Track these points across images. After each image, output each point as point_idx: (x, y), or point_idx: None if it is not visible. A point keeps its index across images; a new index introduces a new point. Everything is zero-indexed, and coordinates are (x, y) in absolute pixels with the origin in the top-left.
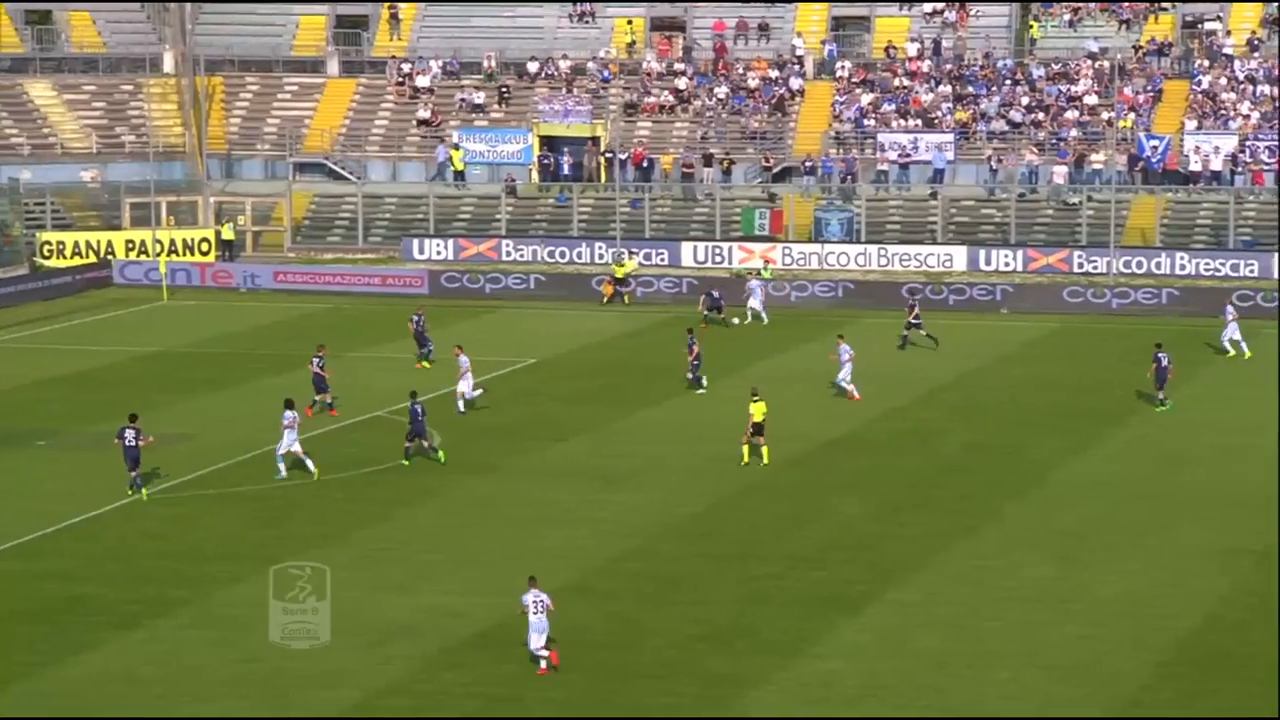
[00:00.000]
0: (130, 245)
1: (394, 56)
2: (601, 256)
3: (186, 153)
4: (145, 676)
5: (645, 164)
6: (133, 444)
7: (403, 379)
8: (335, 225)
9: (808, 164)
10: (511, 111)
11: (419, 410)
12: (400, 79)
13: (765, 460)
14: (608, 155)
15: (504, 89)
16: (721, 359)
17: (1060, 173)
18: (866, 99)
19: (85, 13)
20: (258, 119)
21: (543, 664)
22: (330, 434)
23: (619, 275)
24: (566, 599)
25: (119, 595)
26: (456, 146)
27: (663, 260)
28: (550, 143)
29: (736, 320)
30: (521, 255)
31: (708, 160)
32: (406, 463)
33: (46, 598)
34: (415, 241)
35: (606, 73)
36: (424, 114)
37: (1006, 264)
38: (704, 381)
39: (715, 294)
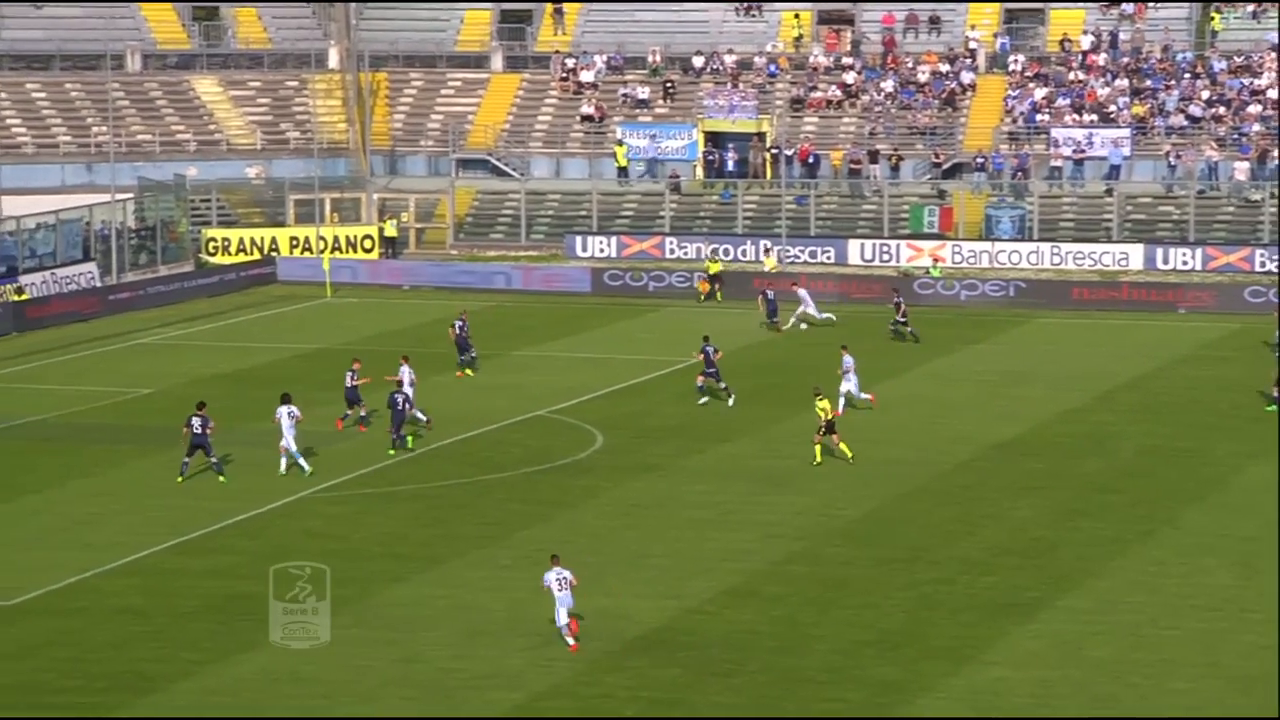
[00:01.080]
0: (294, 242)
1: (558, 51)
2: (768, 252)
3: (350, 149)
4: (308, 675)
5: (811, 160)
6: (200, 431)
7: (564, 378)
8: (498, 222)
9: (978, 160)
10: (676, 107)
11: (399, 400)
12: (564, 74)
13: (850, 456)
14: (773, 151)
15: (669, 84)
16: (888, 361)
17: (1242, 169)
18: (1040, 93)
19: (251, 9)
20: (421, 115)
21: (572, 641)
22: (491, 434)
23: (713, 272)
24: (731, 603)
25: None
26: (620, 142)
27: (828, 258)
28: (715, 138)
29: (786, 326)
30: (685, 253)
31: (875, 156)
32: (392, 451)
33: (211, 595)
34: (578, 239)
35: (774, 67)
36: (588, 110)
37: (1185, 262)
38: (726, 389)
39: (769, 294)
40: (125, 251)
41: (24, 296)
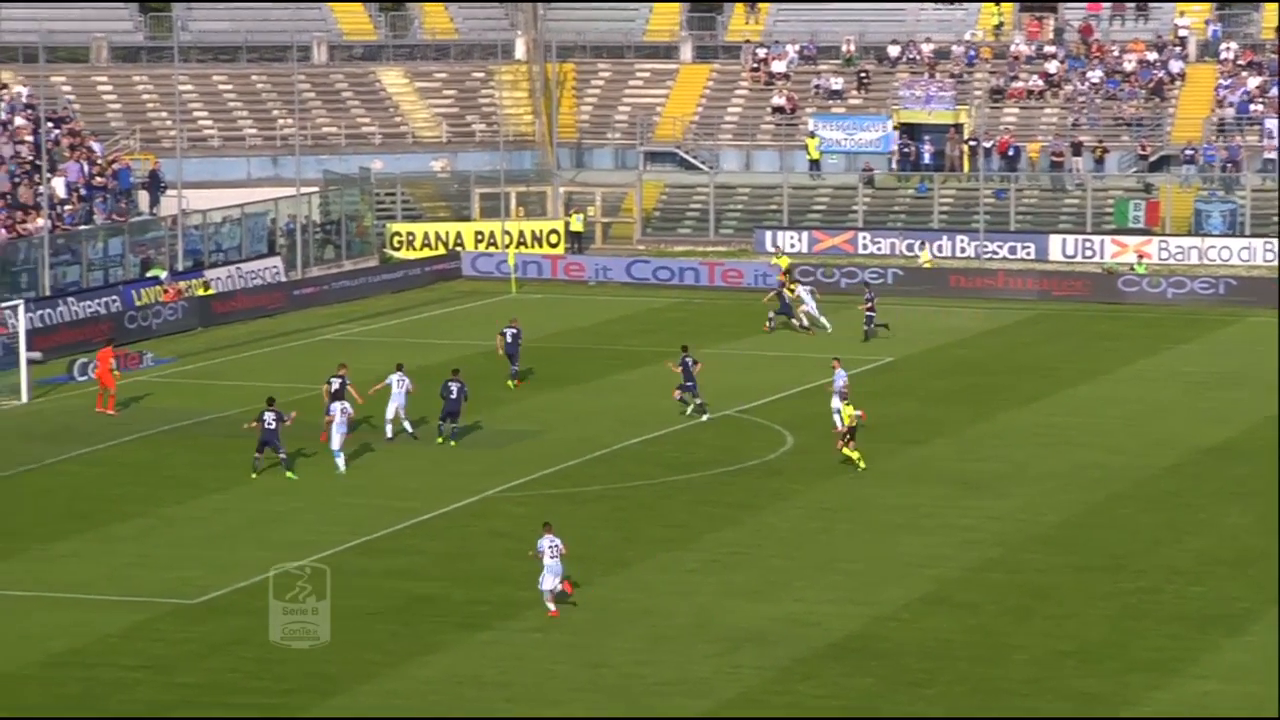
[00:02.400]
0: (479, 237)
1: (749, 41)
2: (964, 250)
3: (536, 142)
4: (492, 679)
5: (1011, 152)
6: (272, 426)
7: (753, 377)
8: (686, 216)
9: (1187, 152)
10: (870, 98)
11: (453, 389)
12: (755, 65)
13: (861, 465)
14: (971, 143)
15: (863, 74)
16: (1089, 361)
17: None
18: (1253, 83)
19: (439, 0)
20: (609, 107)
21: (552, 606)
22: (678, 434)
23: (785, 265)
24: (926, 610)
25: (466, 595)
26: (812, 135)
27: (1028, 254)
28: (910, 130)
29: (797, 323)
30: (879, 248)
31: (1078, 148)
32: (440, 439)
33: (394, 596)
34: (768, 233)
35: (973, 53)
36: (779, 101)
37: None
38: (700, 405)
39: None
40: (310, 246)
41: (209, 291)
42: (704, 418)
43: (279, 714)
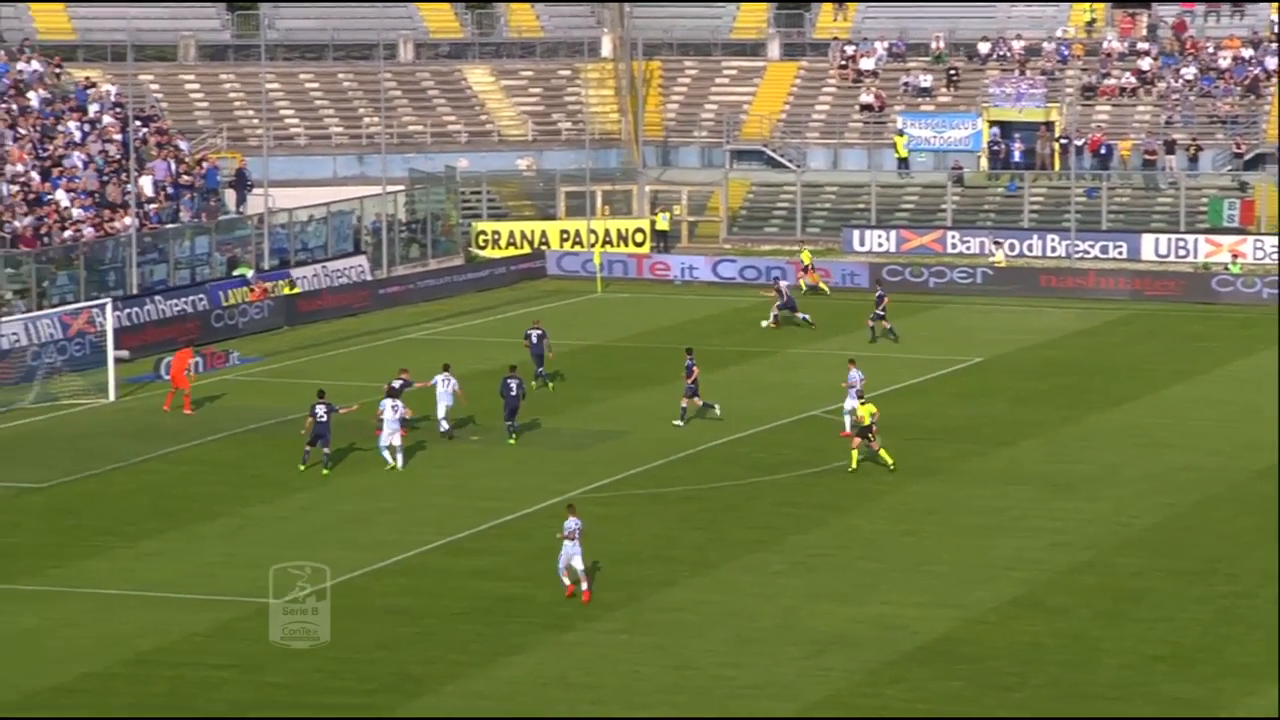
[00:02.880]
0: (564, 235)
1: (837, 38)
2: (1054, 249)
3: (622, 140)
4: (577, 681)
5: (1103, 150)
6: (324, 419)
7: (840, 377)
8: (773, 215)
9: None
10: (960, 95)
11: (512, 386)
12: (843, 62)
13: (891, 463)
14: (1063, 141)
15: (952, 71)
16: (1182, 362)
17: None
18: None
19: None
20: (695, 104)
21: (568, 581)
22: (763, 434)
23: (807, 261)
24: (1015, 613)
25: (551, 596)
26: (901, 133)
27: (1120, 253)
28: (1001, 128)
29: (805, 317)
30: (968, 247)
31: (1171, 147)
32: (512, 440)
33: (479, 596)
34: (855, 232)
35: (1065, 49)
36: (867, 98)
37: None
38: (716, 407)
39: (783, 285)
40: (395, 245)
41: (295, 290)
42: (716, 411)
43: (364, 714)
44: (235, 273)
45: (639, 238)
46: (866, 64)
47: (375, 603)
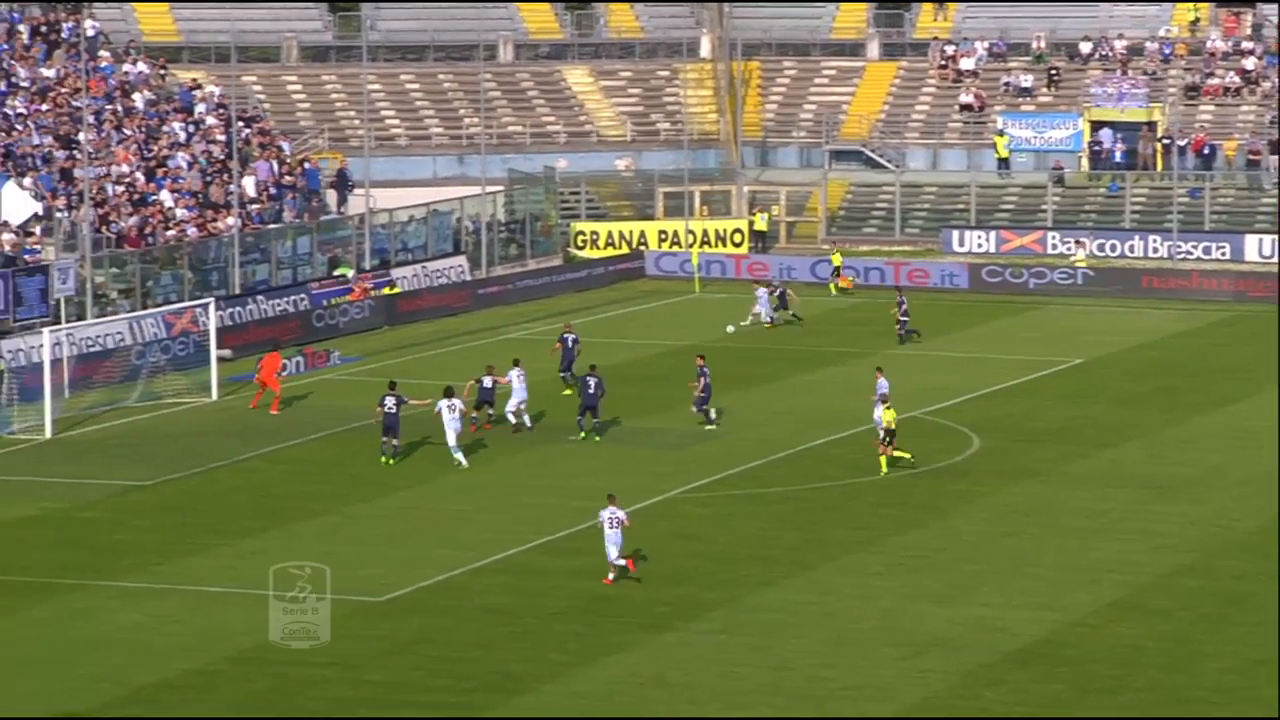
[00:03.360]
0: (663, 236)
1: (936, 38)
2: (1156, 250)
3: (721, 140)
4: (675, 681)
5: (1206, 151)
6: (393, 411)
7: (939, 378)
8: (872, 216)
9: None
10: (1061, 95)
11: (591, 383)
12: (943, 62)
13: (885, 468)
14: (1165, 141)
15: (1053, 71)
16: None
17: None
18: None
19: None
20: (794, 105)
21: (610, 575)
22: (863, 435)
23: (838, 265)
24: (1116, 616)
25: (649, 596)
26: (1001, 133)
27: (1223, 254)
28: (1102, 128)
29: (744, 322)
30: (1068, 248)
31: (1276, 146)
32: (584, 434)
33: (578, 596)
34: (955, 233)
35: (1168, 49)
36: (967, 99)
37: None
38: (712, 415)
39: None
40: (495, 245)
41: (395, 290)
42: (713, 419)
43: (463, 713)
44: (336, 273)
45: (737, 238)
46: (967, 64)
47: (474, 601)
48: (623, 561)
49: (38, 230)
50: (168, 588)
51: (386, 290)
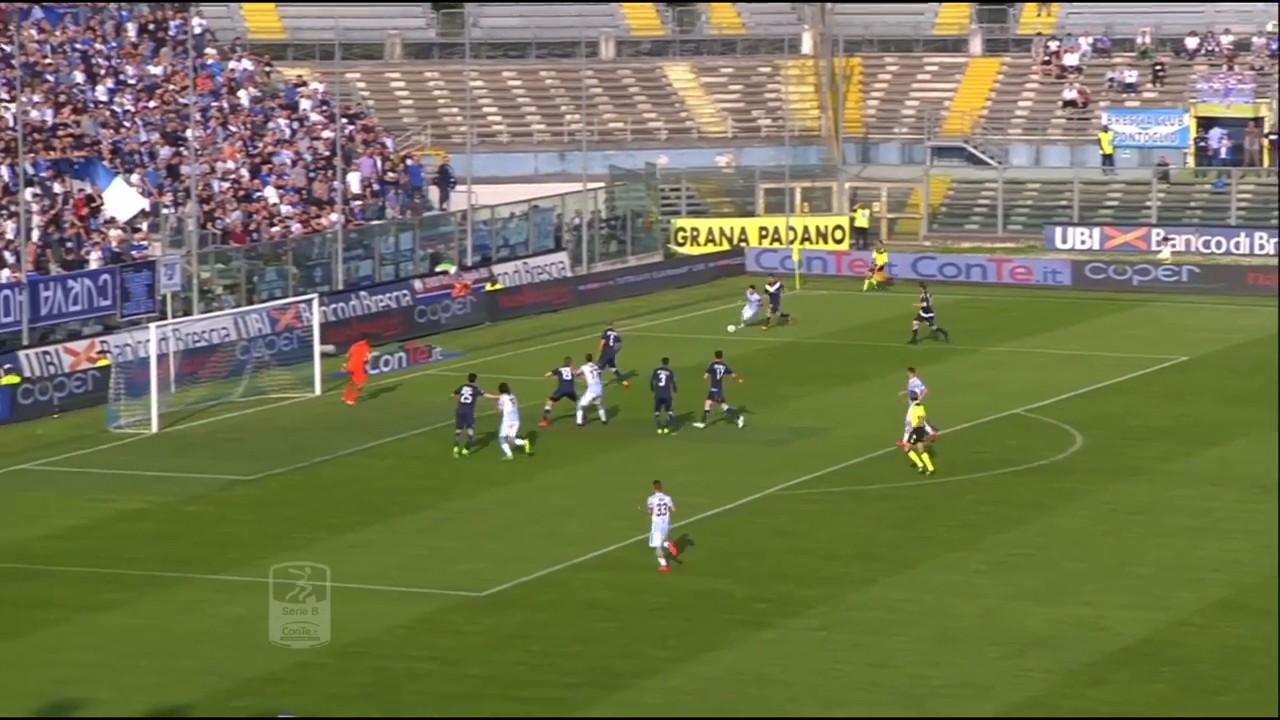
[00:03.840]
0: (763, 232)
1: (1040, 34)
2: (1262, 247)
3: (822, 136)
4: (776, 678)
5: None
6: (469, 401)
7: (1041, 375)
8: (974, 212)
9: None
10: (1166, 91)
11: (662, 377)
12: (1046, 58)
13: (931, 469)
14: (1272, 137)
15: (1158, 66)
16: None
17: None
18: None
19: None
20: (896, 101)
21: (663, 561)
22: (964, 433)
23: (880, 263)
24: (1222, 616)
25: (749, 593)
26: (1105, 129)
27: None
28: (1208, 124)
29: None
30: (1173, 245)
31: None
32: (661, 430)
33: (678, 592)
34: (1058, 230)
35: (1275, 43)
36: (1070, 94)
37: None
38: (730, 410)
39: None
40: (595, 241)
41: (497, 286)
42: (739, 422)
43: (563, 709)
44: (438, 269)
45: (838, 235)
46: (1070, 60)
47: (575, 597)
48: (666, 544)
49: (144, 226)
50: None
51: (488, 287)
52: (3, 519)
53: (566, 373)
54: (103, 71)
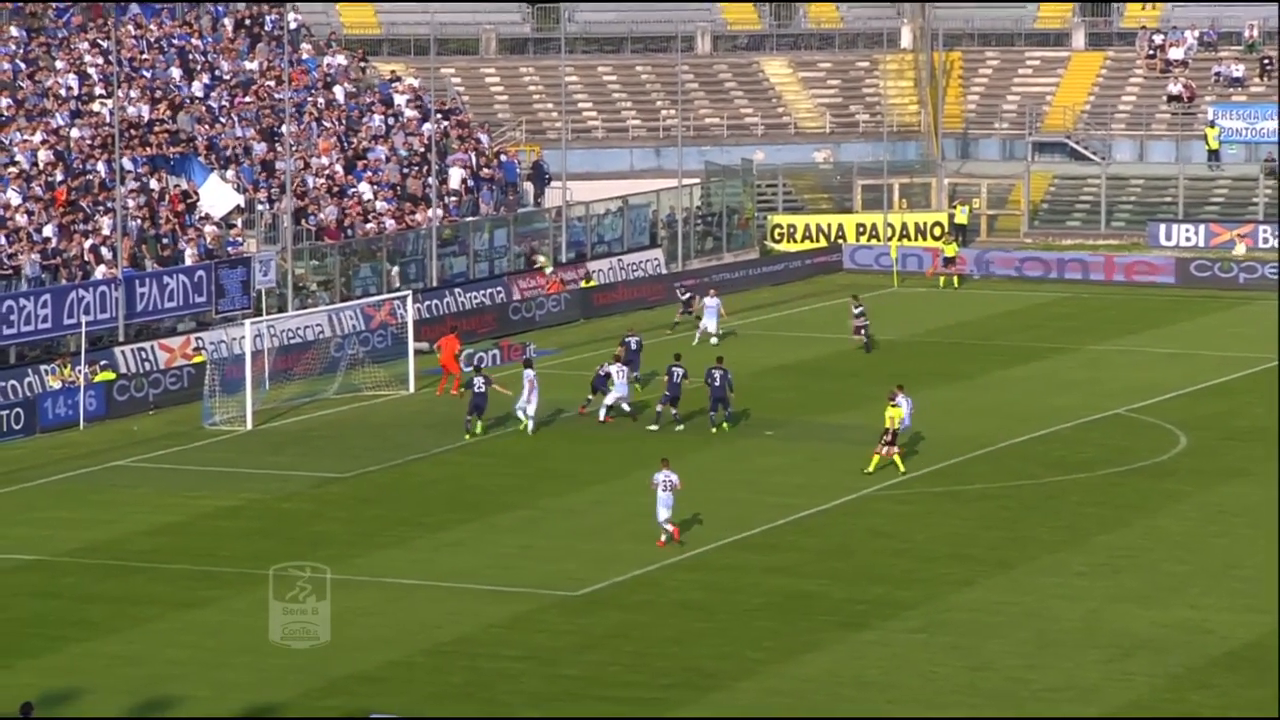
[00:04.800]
0: (861, 229)
1: (1144, 27)
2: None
3: (921, 132)
4: (874, 680)
5: None
6: (481, 390)
7: (1144, 374)
8: (1076, 209)
9: None
10: (1274, 85)
11: (716, 376)
12: (1151, 51)
13: (901, 468)
14: None
15: (1266, 61)
16: None
17: None
18: None
19: None
20: (996, 96)
21: (663, 537)
22: (1064, 432)
23: (950, 255)
24: None
25: (846, 594)
26: (1212, 124)
27: None
28: None
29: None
30: (1245, 240)
31: None
32: (715, 429)
33: (774, 593)
34: (1162, 226)
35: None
36: (1175, 89)
37: None
38: (674, 413)
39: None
40: (690, 238)
41: (591, 283)
42: (678, 428)
43: (658, 709)
44: (536, 265)
45: (937, 231)
46: (1176, 54)
47: (669, 597)
48: (670, 528)
49: (239, 223)
50: (365, 579)
51: (583, 283)
52: (99, 516)
53: (633, 340)
54: (199, 67)
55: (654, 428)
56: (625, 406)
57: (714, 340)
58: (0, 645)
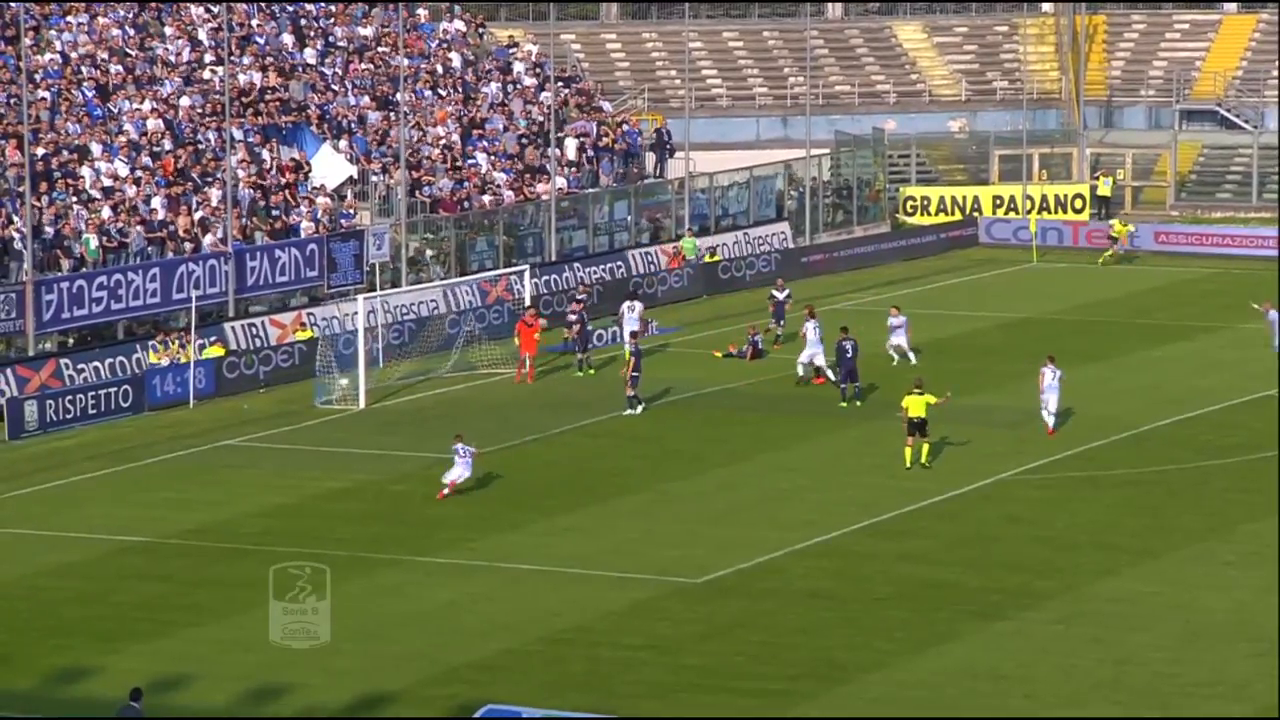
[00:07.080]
0: (998, 201)
1: None
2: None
3: (1062, 100)
4: (1010, 673)
5: None
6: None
7: None
8: (1226, 180)
9: None
10: None
11: (848, 348)
12: None
13: (924, 461)
14: None
15: None
16: None
17: None
18: None
19: None
20: (1142, 61)
21: (445, 490)
22: (1212, 415)
23: (1119, 233)
24: None
25: (981, 583)
26: None
27: None
28: None
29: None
30: None
31: None
32: (844, 403)
33: (906, 581)
34: None
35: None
36: None
37: None
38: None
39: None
40: (819, 211)
41: (715, 258)
42: (637, 410)
43: (786, 701)
44: (682, 244)
45: (1078, 204)
46: None
47: (796, 585)
48: (448, 483)
49: (351, 194)
50: (481, 564)
51: (707, 258)
52: (210, 496)
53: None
54: (311, 34)
55: (844, 405)
56: (819, 362)
57: (912, 360)
58: (109, 629)
